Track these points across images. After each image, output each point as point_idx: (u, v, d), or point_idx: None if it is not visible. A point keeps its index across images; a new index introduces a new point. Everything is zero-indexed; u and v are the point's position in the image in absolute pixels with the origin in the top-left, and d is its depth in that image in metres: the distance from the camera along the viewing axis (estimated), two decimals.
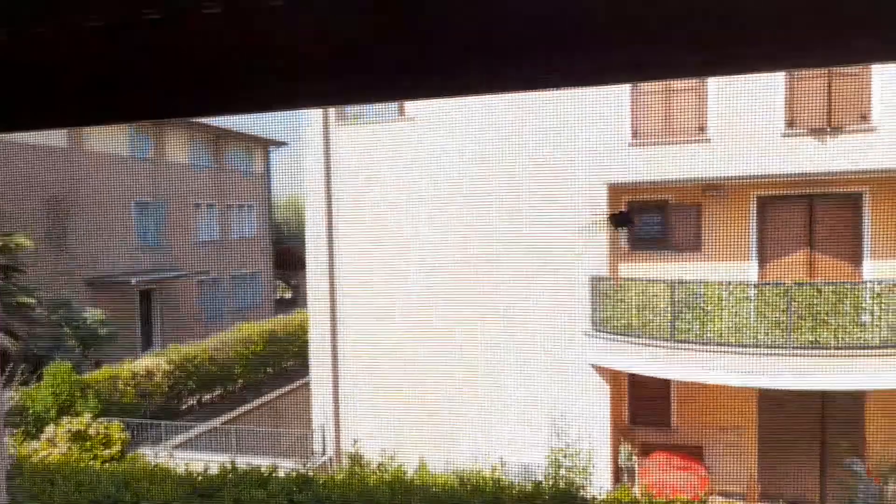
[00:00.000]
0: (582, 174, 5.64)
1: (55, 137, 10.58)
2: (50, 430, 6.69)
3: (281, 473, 3.57)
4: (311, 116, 7.56)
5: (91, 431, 6.91)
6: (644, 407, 5.94)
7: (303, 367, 8.88)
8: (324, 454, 7.58)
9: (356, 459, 5.20)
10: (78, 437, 6.77)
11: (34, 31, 0.44)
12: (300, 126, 7.84)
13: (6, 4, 0.41)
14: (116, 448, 7.09)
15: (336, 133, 7.67)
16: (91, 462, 6.44)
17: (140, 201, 12.07)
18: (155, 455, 6.90)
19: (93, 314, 9.72)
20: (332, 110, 7.44)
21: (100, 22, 0.43)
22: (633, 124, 5.68)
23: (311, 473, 3.76)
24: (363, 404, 7.15)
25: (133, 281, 11.33)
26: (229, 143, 14.87)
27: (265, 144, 16.31)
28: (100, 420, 7.15)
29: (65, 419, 7.02)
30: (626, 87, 5.70)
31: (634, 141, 5.61)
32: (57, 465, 4.46)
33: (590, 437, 5.33)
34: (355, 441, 5.68)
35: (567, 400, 5.57)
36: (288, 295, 19.86)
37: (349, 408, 7.37)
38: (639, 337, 5.13)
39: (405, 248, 6.65)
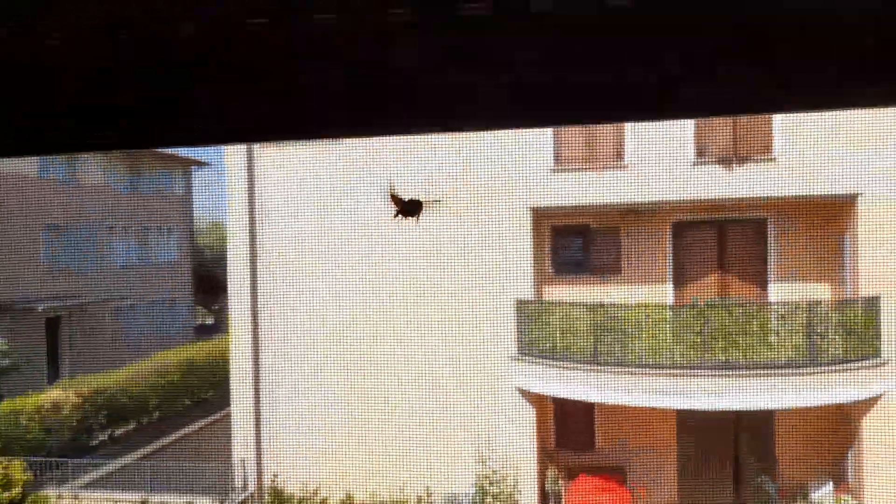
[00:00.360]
0: (506, 198, 5.75)
1: None
2: None
3: None
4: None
5: None
6: (569, 430, 6.02)
7: (223, 398, 8.55)
8: (245, 490, 7.29)
9: (277, 495, 5.02)
10: None
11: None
12: (221, 146, 7.66)
13: None
14: (17, 489, 6.61)
15: (259, 153, 7.55)
16: None
17: (51, 224, 11.43)
18: (58, 497, 6.46)
19: None
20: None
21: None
22: (555, 150, 5.85)
23: None
24: (286, 436, 6.95)
25: (40, 308, 10.66)
26: (149, 163, 14.35)
27: (186, 164, 15.81)
28: None
29: None
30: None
31: (557, 167, 5.76)
32: None
33: (516, 462, 5.35)
34: (275, 476, 5.48)
35: (493, 425, 5.59)
36: (209, 321, 19.18)
37: (271, 440, 7.14)
38: (563, 360, 5.22)
39: (329, 272, 6.56)
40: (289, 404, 7.00)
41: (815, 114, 5.35)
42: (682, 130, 5.40)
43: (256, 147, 7.35)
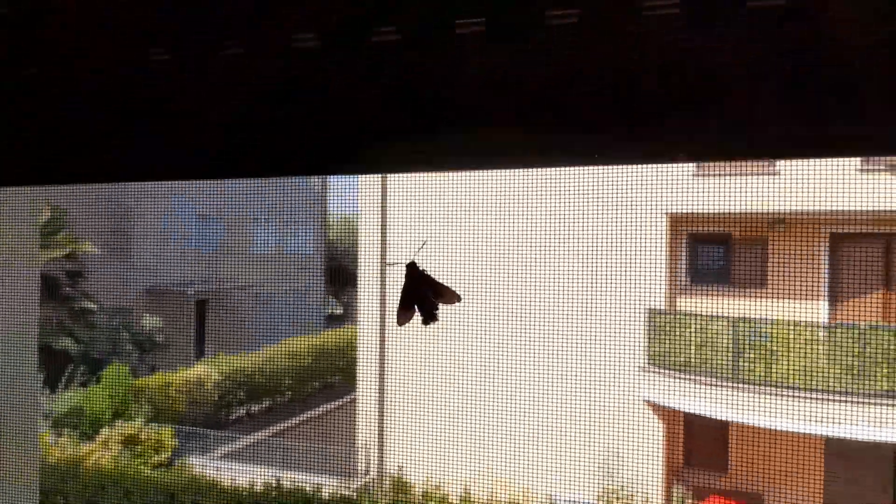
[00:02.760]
0: (641, 203, 5.50)
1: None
2: (105, 432, 6.85)
3: (325, 492, 3.54)
4: None
5: (143, 436, 7.05)
6: (700, 448, 5.70)
7: (349, 384, 8.89)
8: (367, 474, 7.54)
9: (400, 485, 5.14)
10: (130, 440, 6.92)
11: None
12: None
13: None
14: (166, 454, 7.22)
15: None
16: (141, 467, 6.56)
17: (201, 213, 12.41)
18: (201, 465, 6.99)
19: (150, 321, 9.99)
20: None
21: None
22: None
23: (354, 495, 3.72)
24: (409, 427, 7.09)
25: (189, 291, 11.62)
26: None
27: None
28: (151, 425, 7.30)
29: (119, 422, 7.20)
30: None
31: (699, 171, 5.44)
32: (108, 470, 4.54)
33: (642, 477, 5.13)
34: (399, 467, 5.61)
35: (620, 437, 5.39)
36: (339, 311, 20.05)
37: (394, 429, 7.32)
38: (697, 375, 4.94)
39: (457, 270, 6.60)
40: (413, 398, 7.14)
41: None
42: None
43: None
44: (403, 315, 1.05)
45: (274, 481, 3.65)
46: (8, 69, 0.42)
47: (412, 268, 1.08)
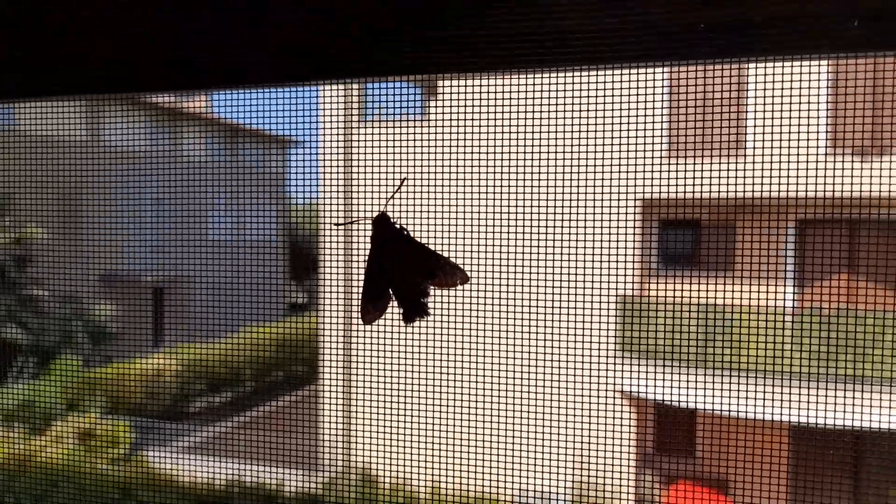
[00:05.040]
0: (613, 188, 5.46)
1: (73, 130, 10.54)
2: (57, 426, 6.59)
3: (288, 487, 3.42)
4: (332, 115, 7.43)
5: (98, 430, 6.80)
6: (669, 434, 5.74)
7: (312, 374, 8.74)
8: (332, 468, 7.42)
9: (367, 478, 5.04)
10: (85, 435, 6.67)
11: None
12: (318, 125, 7.73)
13: None
14: (122, 448, 6.98)
15: (356, 133, 7.53)
16: (95, 462, 6.32)
17: (155, 197, 12.00)
18: (159, 459, 6.78)
19: (103, 310, 9.64)
20: (353, 108, 7.30)
21: None
22: (670, 136, 5.49)
23: (320, 491, 3.61)
24: (375, 417, 6.99)
25: (146, 277, 11.26)
26: (247, 141, 14.84)
27: (284, 143, 16.26)
28: (106, 418, 7.04)
29: (72, 416, 6.93)
30: (662, 96, 5.53)
31: (670, 154, 5.41)
32: (62, 466, 4.34)
33: (613, 465, 5.14)
34: (364, 459, 5.50)
35: (590, 425, 5.39)
36: (301, 299, 19.79)
37: (360, 420, 7.21)
38: (667, 362, 4.94)
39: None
40: (378, 388, 7.02)
41: None
42: (814, 114, 4.93)
43: (353, 126, 7.34)
44: (370, 307, 0.68)
45: (236, 476, 3.51)
46: None
47: (381, 226, 0.68)
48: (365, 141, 7.37)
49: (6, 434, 6.10)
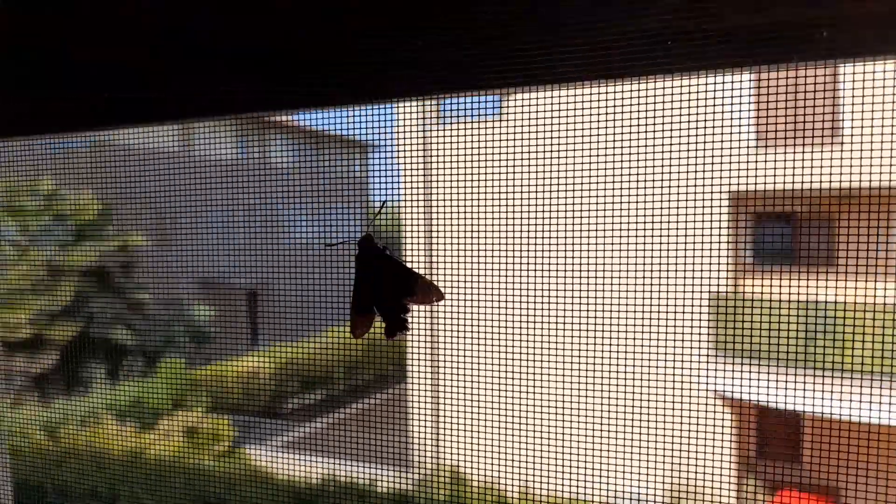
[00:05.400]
0: (700, 181, 5.26)
1: (168, 141, 11.22)
2: (164, 423, 7.01)
3: (381, 486, 3.49)
4: (409, 118, 7.51)
5: (202, 426, 7.18)
6: (772, 440, 5.47)
7: (402, 374, 8.89)
8: (423, 467, 7.51)
9: (457, 478, 5.06)
10: (190, 430, 7.06)
11: None
12: (394, 127, 7.82)
13: None
14: (225, 444, 7.34)
15: (433, 133, 7.58)
16: (201, 457, 6.68)
17: (246, 202, 12.58)
18: (258, 455, 7.08)
19: (203, 312, 10.16)
20: (429, 110, 7.36)
21: None
22: (757, 124, 5.24)
23: (410, 488, 3.66)
24: (464, 418, 7.03)
25: (241, 281, 11.81)
26: (331, 146, 15.27)
27: (365, 147, 16.63)
28: (210, 415, 7.42)
29: (178, 413, 7.35)
30: (747, 83, 5.28)
31: (760, 144, 5.16)
32: (169, 460, 4.60)
33: (711, 470, 4.95)
34: (453, 460, 5.54)
35: (686, 428, 5.21)
36: None
37: (449, 420, 7.26)
38: (767, 362, 4.71)
39: (505, 255, 6.46)
40: (467, 390, 7.03)
41: None
42: None
43: (431, 126, 7.40)
44: (360, 321, 0.71)
45: (330, 473, 3.62)
46: None
47: (366, 246, 0.71)
48: (442, 142, 7.39)
49: (120, 429, 6.55)
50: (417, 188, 7.62)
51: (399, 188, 8.01)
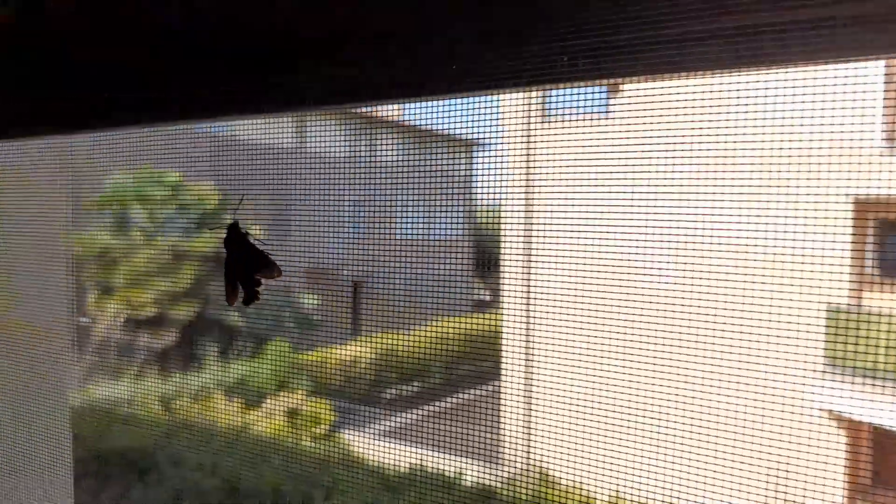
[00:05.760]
0: (820, 184, 4.92)
1: (284, 138, 11.81)
2: (268, 402, 7.39)
3: (468, 479, 3.53)
4: (513, 116, 7.49)
5: (303, 408, 7.52)
6: (890, 465, 5.05)
7: (497, 371, 8.91)
8: (513, 465, 7.51)
9: (545, 479, 5.02)
10: (292, 411, 7.41)
11: None
12: (499, 126, 7.83)
13: None
14: (324, 427, 7.65)
15: (537, 132, 7.52)
16: (300, 437, 7.01)
17: (353, 198, 13.06)
18: (354, 440, 7.33)
19: (309, 300, 10.62)
20: (535, 107, 7.32)
21: None
22: (886, 125, 4.84)
23: (497, 484, 3.67)
24: (556, 420, 6.94)
25: (345, 272, 12.24)
26: (436, 144, 15.53)
27: (469, 145, 16.75)
28: (311, 398, 7.76)
29: (282, 394, 7.73)
30: (877, 80, 4.87)
31: (889, 145, 4.77)
32: (270, 438, 4.85)
33: (821, 495, 4.65)
34: (540, 460, 5.49)
35: (793, 448, 4.92)
36: (486, 296, 20.23)
37: (541, 420, 7.20)
38: (889, 381, 4.36)
39: (608, 257, 6.31)
40: (559, 391, 6.93)
41: None
42: None
43: (534, 124, 7.35)
44: (230, 292, 0.85)
45: (419, 462, 3.70)
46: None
47: (233, 231, 0.83)
48: (546, 140, 7.31)
49: (227, 406, 6.96)
50: (518, 184, 7.57)
51: (501, 184, 7.97)
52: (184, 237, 8.50)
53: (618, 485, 5.19)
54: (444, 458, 6.36)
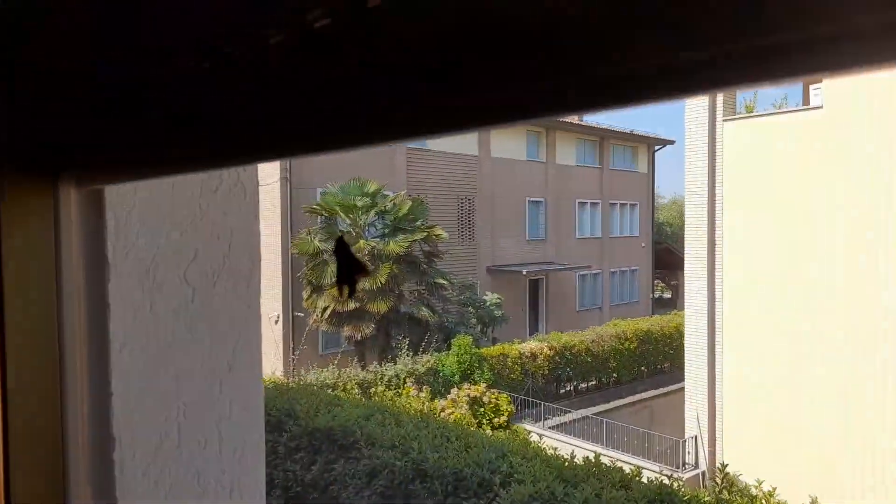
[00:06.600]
0: None
1: (469, 146, 12.34)
2: (454, 392, 7.86)
3: (645, 478, 3.58)
4: (697, 113, 7.24)
5: (485, 399, 7.90)
6: None
7: (679, 371, 8.65)
8: (695, 467, 7.29)
9: (729, 483, 4.86)
10: (474, 401, 7.82)
11: None
12: (683, 124, 7.59)
13: None
14: (504, 417, 7.98)
15: (722, 129, 7.19)
16: (482, 426, 7.39)
17: (532, 200, 13.27)
18: (530, 431, 7.57)
19: (491, 297, 11.05)
20: (719, 103, 7.01)
21: None
22: None
23: (676, 485, 3.67)
24: (742, 423, 6.63)
25: (524, 271, 12.52)
26: (614, 144, 15.22)
27: (650, 144, 16.19)
28: (492, 390, 8.12)
29: (465, 385, 8.17)
30: None
31: None
32: (455, 424, 5.19)
33: None
34: (724, 465, 5.30)
35: None
36: (667, 295, 19.37)
37: (726, 423, 6.91)
38: None
39: (801, 260, 5.92)
40: (750, 394, 6.59)
41: None
42: None
43: (719, 122, 7.04)
44: (341, 290, 0.99)
45: (593, 457, 3.81)
46: None
47: (340, 244, 0.94)
48: (733, 137, 6.97)
49: (417, 394, 7.55)
50: (701, 186, 7.29)
51: (685, 186, 7.77)
52: (381, 240, 9.31)
53: (813, 494, 4.74)
54: (621, 456, 6.36)
